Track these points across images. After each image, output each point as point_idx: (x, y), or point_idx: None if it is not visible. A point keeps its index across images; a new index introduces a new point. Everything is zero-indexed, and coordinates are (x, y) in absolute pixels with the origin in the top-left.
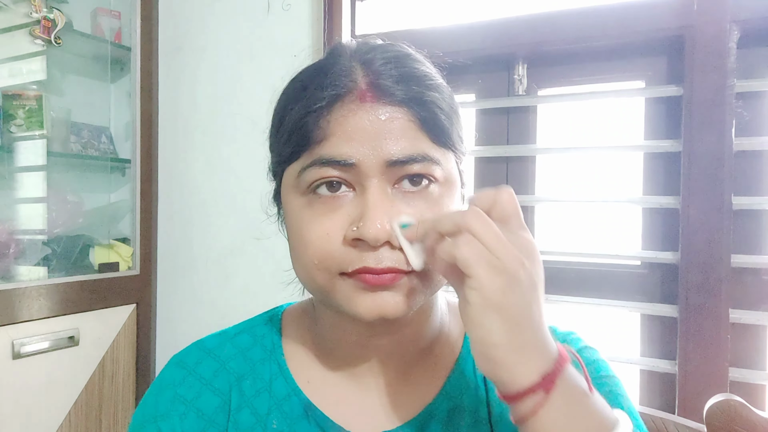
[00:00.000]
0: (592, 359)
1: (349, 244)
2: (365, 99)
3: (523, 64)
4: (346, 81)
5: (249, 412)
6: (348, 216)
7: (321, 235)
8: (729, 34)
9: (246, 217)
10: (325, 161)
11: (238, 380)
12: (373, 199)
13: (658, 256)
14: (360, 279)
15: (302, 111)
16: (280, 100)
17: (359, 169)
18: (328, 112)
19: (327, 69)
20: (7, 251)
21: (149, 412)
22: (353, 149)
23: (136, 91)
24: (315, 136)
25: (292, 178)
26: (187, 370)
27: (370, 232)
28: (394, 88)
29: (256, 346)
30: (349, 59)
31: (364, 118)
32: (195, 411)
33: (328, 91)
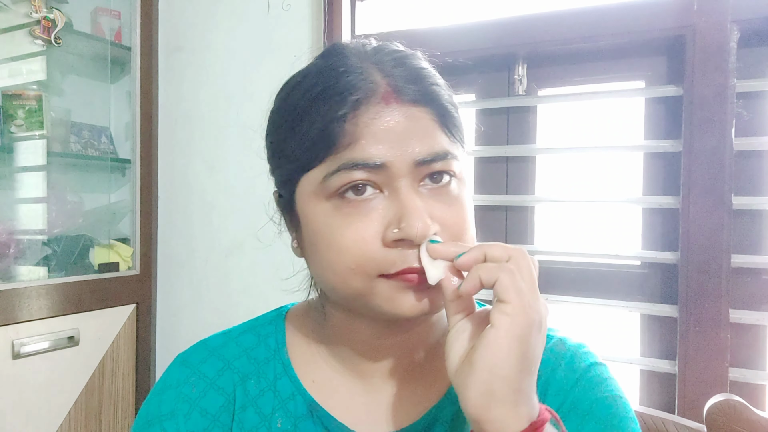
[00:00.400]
0: (603, 377)
1: (388, 245)
2: (389, 101)
3: (523, 64)
4: (366, 83)
5: (253, 411)
6: (382, 218)
7: (357, 239)
8: (729, 34)
9: (246, 217)
10: (355, 164)
11: (243, 379)
12: (410, 199)
13: (658, 256)
14: (403, 279)
15: (323, 115)
16: (287, 108)
17: (389, 170)
18: (353, 115)
19: (339, 72)
20: (7, 251)
21: (153, 411)
22: (382, 151)
23: (136, 91)
24: (342, 141)
25: (313, 185)
26: (191, 369)
27: (415, 231)
28: (410, 88)
29: (260, 345)
30: (358, 61)
31: (390, 119)
32: (199, 410)
33: (351, 94)
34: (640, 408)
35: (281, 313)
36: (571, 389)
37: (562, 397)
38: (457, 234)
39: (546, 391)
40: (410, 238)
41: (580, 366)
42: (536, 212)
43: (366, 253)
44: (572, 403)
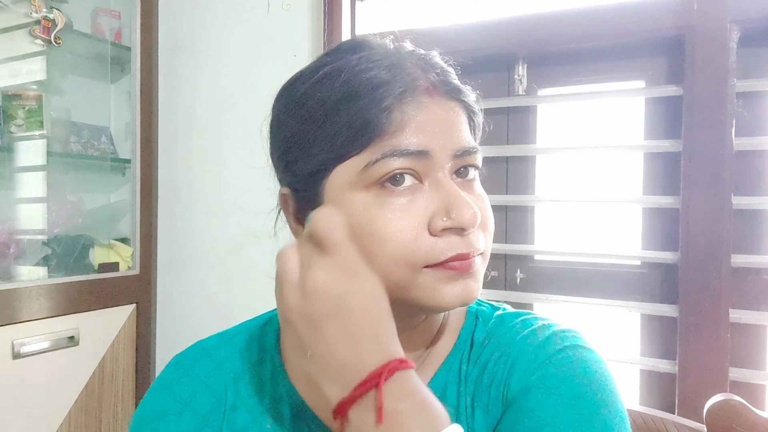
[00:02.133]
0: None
1: (436, 234)
2: (433, 93)
3: (523, 64)
4: (408, 76)
5: (245, 411)
6: (425, 208)
7: (402, 229)
8: (729, 34)
9: (246, 216)
10: (400, 152)
11: (235, 380)
12: (455, 189)
13: (658, 256)
14: (449, 267)
15: (369, 106)
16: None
17: (432, 159)
18: (401, 104)
19: (377, 65)
20: (7, 251)
21: (147, 411)
22: (427, 139)
23: (136, 91)
24: (387, 129)
25: (350, 175)
26: (184, 369)
27: (467, 219)
28: (446, 83)
29: (253, 346)
30: (393, 55)
31: (434, 111)
32: (190, 411)
33: (395, 86)
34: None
35: (276, 315)
36: (540, 366)
37: (528, 375)
38: (488, 228)
39: (512, 372)
40: (462, 226)
41: (555, 346)
42: (536, 212)
43: (413, 242)
44: (539, 378)
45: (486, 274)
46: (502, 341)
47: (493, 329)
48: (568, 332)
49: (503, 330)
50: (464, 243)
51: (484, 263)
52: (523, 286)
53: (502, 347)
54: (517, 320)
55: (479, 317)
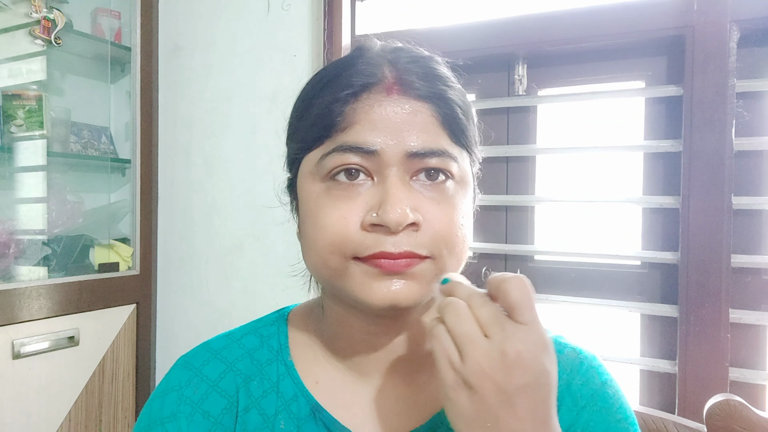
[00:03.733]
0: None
1: (366, 229)
2: (392, 92)
3: (523, 64)
4: (373, 73)
5: (257, 412)
6: (366, 203)
7: (338, 219)
8: (729, 34)
9: (246, 216)
10: (348, 147)
11: (246, 381)
12: (393, 187)
13: (658, 256)
14: (375, 264)
15: (329, 99)
16: (306, 89)
17: (381, 157)
18: (354, 100)
19: (354, 61)
20: (7, 251)
21: (155, 413)
22: (377, 138)
23: (136, 91)
24: (339, 123)
25: (311, 165)
26: (193, 371)
27: (391, 217)
28: (418, 84)
29: (263, 347)
30: (376, 55)
31: (389, 109)
32: (201, 413)
33: (356, 80)
34: (640, 408)
35: (283, 314)
36: (585, 407)
37: (575, 413)
38: (442, 234)
39: (561, 404)
40: (386, 224)
41: (595, 382)
42: (536, 212)
43: (343, 233)
44: (586, 422)
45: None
46: None
47: None
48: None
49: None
50: (394, 242)
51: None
52: None
53: None
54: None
55: None
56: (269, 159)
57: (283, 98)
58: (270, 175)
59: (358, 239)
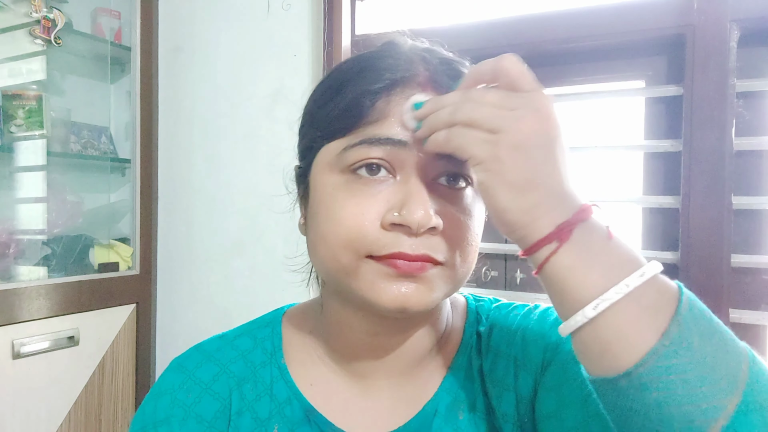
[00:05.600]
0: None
1: (385, 228)
2: (426, 89)
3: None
4: (407, 68)
5: (250, 416)
6: (387, 201)
7: (356, 214)
8: (729, 34)
9: (246, 216)
10: (377, 140)
11: (239, 384)
12: (418, 186)
13: (658, 256)
14: (390, 264)
15: (360, 90)
16: (332, 77)
17: (409, 152)
18: (387, 94)
19: (387, 55)
20: (7, 251)
21: (148, 417)
22: (407, 132)
23: (136, 91)
24: (370, 115)
25: (331, 155)
26: (186, 374)
27: (415, 218)
28: (449, 84)
29: (256, 349)
30: (408, 51)
31: None
32: (194, 416)
33: (389, 74)
34: None
35: (278, 315)
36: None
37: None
38: (458, 241)
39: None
40: (408, 225)
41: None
42: None
43: (361, 229)
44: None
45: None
46: (506, 325)
47: (494, 318)
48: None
49: (503, 315)
50: (412, 244)
51: (446, 275)
52: (523, 286)
53: (507, 331)
54: (515, 308)
55: (480, 312)
56: (269, 159)
57: (283, 98)
58: (270, 175)
59: (375, 237)
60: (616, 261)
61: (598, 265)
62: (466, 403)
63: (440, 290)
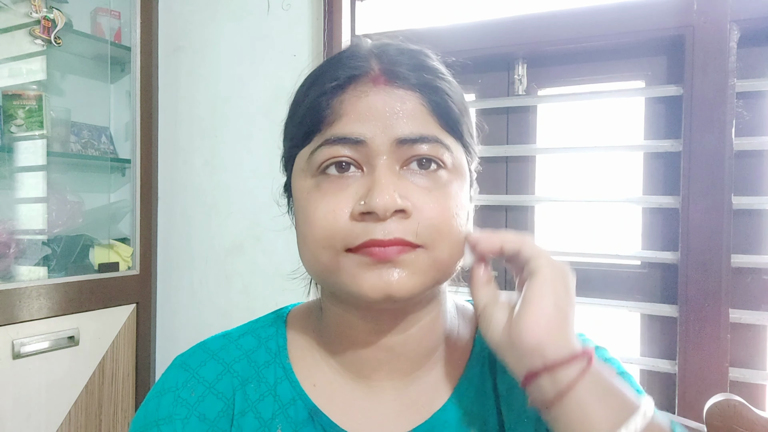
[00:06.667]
0: (605, 357)
1: (355, 219)
2: (379, 82)
3: (522, 63)
4: (360, 65)
5: (253, 416)
6: (355, 194)
7: (327, 212)
8: (729, 34)
9: (246, 216)
10: (336, 139)
11: (243, 384)
12: (381, 175)
13: (658, 256)
14: (366, 253)
15: (317, 93)
16: (298, 89)
17: (369, 147)
18: (341, 92)
19: (342, 56)
20: (7, 251)
21: (151, 414)
22: (364, 128)
23: (136, 91)
24: (327, 117)
25: (302, 162)
26: (190, 372)
27: (378, 202)
28: (406, 73)
29: (260, 348)
30: (362, 50)
31: (376, 99)
32: (197, 415)
33: (341, 73)
34: None
35: (282, 315)
36: None
37: None
38: (434, 222)
39: None
40: (373, 210)
41: None
42: (536, 212)
43: (333, 225)
44: None
45: None
46: None
47: None
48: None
49: None
50: (383, 230)
51: (428, 260)
52: None
53: None
54: None
55: None
56: (269, 159)
57: (283, 98)
58: (270, 175)
59: (347, 229)
60: (623, 399)
61: (612, 401)
62: (478, 420)
63: (424, 274)
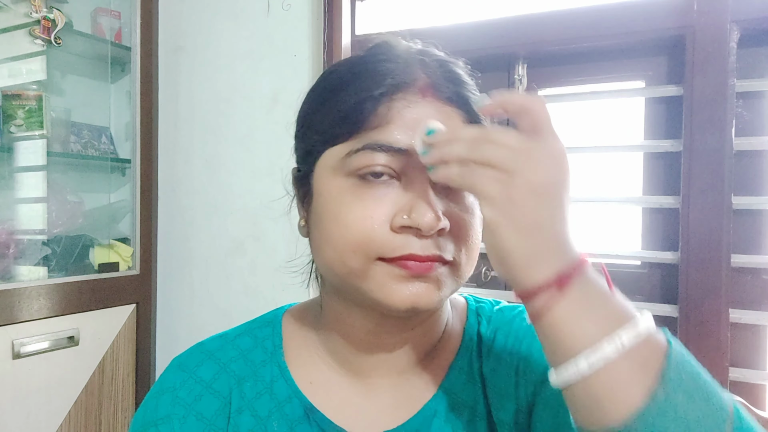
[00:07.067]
0: None
1: (395, 230)
2: (426, 94)
3: (523, 63)
4: (407, 73)
5: (249, 414)
6: (393, 204)
7: (364, 218)
8: (729, 34)
9: (246, 216)
10: (379, 146)
11: (239, 382)
12: (424, 190)
13: (658, 256)
14: (401, 265)
15: (360, 94)
16: (330, 80)
17: (411, 158)
18: (388, 99)
19: (385, 59)
20: (7, 251)
21: (149, 415)
22: (409, 138)
23: (136, 91)
24: (372, 121)
25: (334, 160)
26: (187, 372)
27: (425, 221)
28: (447, 87)
29: (257, 348)
30: (405, 54)
31: (424, 111)
32: (195, 414)
33: (390, 79)
34: None
35: (278, 315)
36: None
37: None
38: (464, 240)
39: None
40: (418, 227)
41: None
42: None
43: (371, 232)
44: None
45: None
46: (511, 331)
47: (497, 323)
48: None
49: (507, 320)
50: (422, 245)
51: (454, 274)
52: None
53: (512, 336)
54: (518, 311)
55: (480, 314)
56: (269, 158)
57: (282, 98)
58: (270, 175)
59: (385, 240)
60: (611, 314)
61: (595, 316)
62: (466, 406)
63: (447, 288)
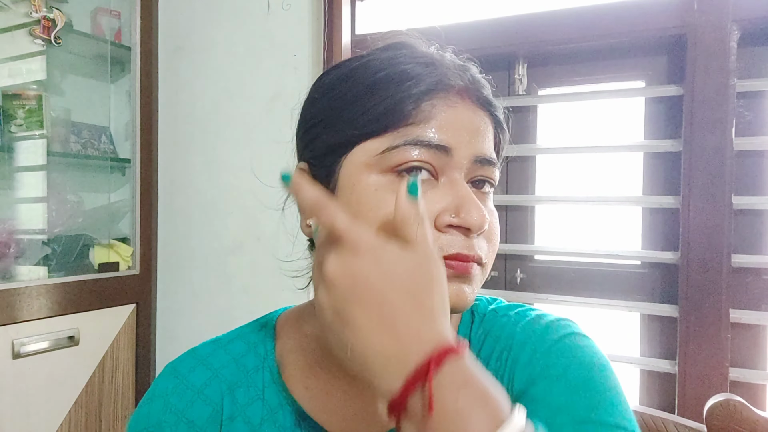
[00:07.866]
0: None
1: (440, 229)
2: (465, 97)
3: (523, 63)
4: (450, 75)
5: (242, 421)
6: (436, 203)
7: None
8: (729, 34)
9: (246, 216)
10: (421, 142)
11: (231, 389)
12: (467, 189)
13: (658, 256)
14: (446, 265)
15: (404, 90)
16: (352, 80)
17: (452, 158)
18: (431, 98)
19: (419, 59)
20: (7, 251)
21: (142, 421)
22: (451, 137)
23: (136, 91)
24: (414, 117)
25: (368, 155)
26: (179, 378)
27: (476, 221)
28: (482, 94)
29: (249, 353)
30: (439, 56)
31: (464, 112)
32: (186, 421)
33: (434, 78)
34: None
35: (272, 318)
36: (543, 356)
37: (531, 367)
38: (494, 241)
39: (515, 366)
40: (469, 226)
41: (553, 336)
42: (536, 212)
43: None
44: (543, 368)
45: None
46: (501, 336)
47: (489, 325)
48: (563, 321)
49: (500, 324)
50: (467, 245)
51: (483, 273)
52: (523, 286)
53: (502, 342)
54: (512, 313)
55: (475, 313)
56: (269, 158)
57: (283, 98)
58: (270, 175)
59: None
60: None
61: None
62: None
63: (478, 287)
